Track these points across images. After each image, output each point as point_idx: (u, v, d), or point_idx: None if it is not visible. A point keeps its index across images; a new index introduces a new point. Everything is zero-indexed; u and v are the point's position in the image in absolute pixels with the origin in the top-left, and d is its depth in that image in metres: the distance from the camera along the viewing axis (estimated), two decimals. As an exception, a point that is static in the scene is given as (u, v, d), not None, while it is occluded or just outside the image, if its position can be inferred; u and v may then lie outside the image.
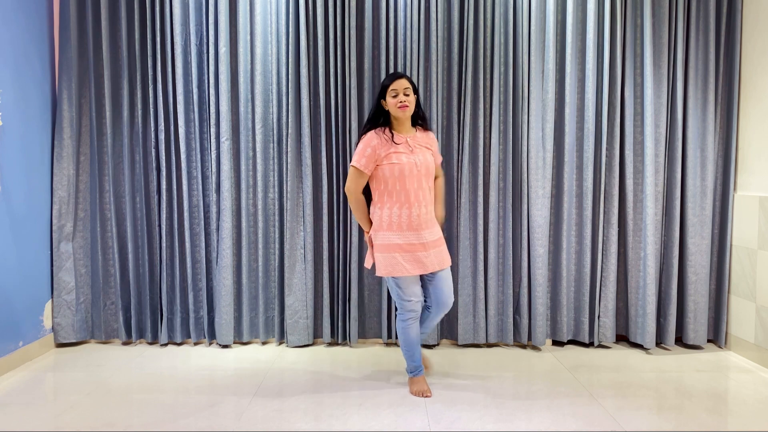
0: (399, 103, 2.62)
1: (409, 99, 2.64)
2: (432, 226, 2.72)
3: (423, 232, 2.66)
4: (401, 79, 2.64)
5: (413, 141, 2.72)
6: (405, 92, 2.64)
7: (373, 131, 2.70)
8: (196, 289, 3.48)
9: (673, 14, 3.37)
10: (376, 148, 2.64)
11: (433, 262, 2.68)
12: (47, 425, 2.43)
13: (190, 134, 3.43)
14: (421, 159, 2.67)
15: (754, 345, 3.26)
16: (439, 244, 2.74)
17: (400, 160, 2.63)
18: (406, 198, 2.64)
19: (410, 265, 2.63)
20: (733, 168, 3.43)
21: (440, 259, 2.72)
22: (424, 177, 2.68)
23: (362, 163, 2.64)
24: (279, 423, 2.45)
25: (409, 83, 2.66)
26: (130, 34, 3.41)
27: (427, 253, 2.66)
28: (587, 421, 2.48)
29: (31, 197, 3.29)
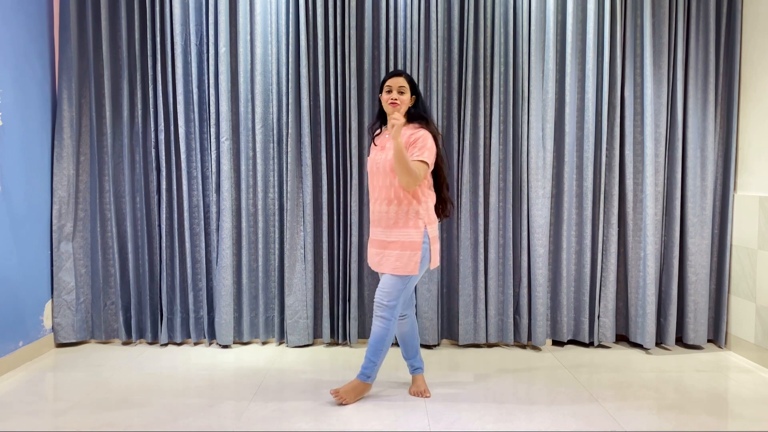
0: (390, 100, 2.61)
1: (402, 98, 2.61)
2: (392, 226, 2.59)
3: (376, 229, 2.66)
4: (398, 77, 2.63)
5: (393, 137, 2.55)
6: (399, 90, 2.61)
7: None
8: (196, 289, 3.48)
9: (673, 14, 3.37)
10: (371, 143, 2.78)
11: (373, 260, 2.69)
12: (47, 425, 2.43)
13: (190, 134, 3.43)
14: (383, 157, 2.61)
15: (754, 345, 3.26)
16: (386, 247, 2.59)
17: (370, 157, 2.73)
18: (371, 194, 2.71)
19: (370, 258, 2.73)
20: (733, 168, 3.43)
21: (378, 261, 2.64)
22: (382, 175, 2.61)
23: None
24: (279, 423, 2.45)
25: (407, 82, 2.63)
26: (130, 34, 3.41)
27: (374, 251, 2.69)
28: (587, 421, 2.48)
29: (31, 197, 3.28)
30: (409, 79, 2.66)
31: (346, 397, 2.64)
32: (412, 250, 2.56)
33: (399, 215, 2.58)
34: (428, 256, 2.61)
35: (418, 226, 2.58)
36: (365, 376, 2.69)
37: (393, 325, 2.62)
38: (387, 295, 2.59)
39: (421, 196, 2.60)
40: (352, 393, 2.66)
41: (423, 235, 2.58)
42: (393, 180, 2.58)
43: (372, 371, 2.68)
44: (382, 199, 2.62)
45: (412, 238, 2.57)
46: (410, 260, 2.55)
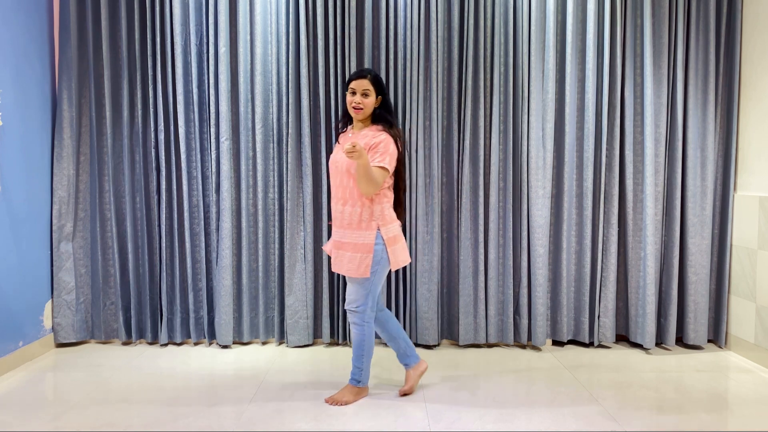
0: (353, 104, 2.57)
1: (365, 101, 2.56)
2: (346, 226, 2.58)
3: (336, 230, 2.65)
4: (362, 79, 2.56)
5: (355, 138, 2.59)
6: (363, 93, 2.55)
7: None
8: (196, 289, 3.48)
9: (673, 14, 3.37)
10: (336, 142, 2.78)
11: (333, 261, 2.66)
12: (47, 425, 2.43)
13: (190, 134, 3.43)
14: (342, 157, 2.56)
15: (754, 345, 3.26)
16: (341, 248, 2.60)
17: (331, 156, 2.71)
18: (331, 193, 2.70)
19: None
20: (733, 168, 3.43)
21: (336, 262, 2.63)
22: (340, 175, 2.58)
23: None
24: (279, 423, 2.45)
25: (371, 84, 2.56)
26: (130, 34, 3.41)
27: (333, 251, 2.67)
28: (587, 421, 2.48)
29: (31, 197, 3.28)
30: (374, 80, 2.58)
31: (342, 398, 2.65)
32: (364, 252, 2.53)
33: (353, 216, 2.56)
34: (385, 257, 2.56)
35: (371, 227, 2.54)
36: (356, 381, 2.70)
37: (368, 328, 2.62)
38: (353, 301, 2.61)
39: (375, 197, 2.56)
40: (348, 394, 2.68)
41: (375, 236, 2.53)
42: (349, 181, 2.56)
43: (360, 376, 2.69)
44: (338, 198, 2.61)
45: (365, 240, 2.54)
46: (362, 263, 2.52)
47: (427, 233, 3.40)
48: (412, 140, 3.38)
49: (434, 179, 3.39)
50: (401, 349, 2.81)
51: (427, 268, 3.40)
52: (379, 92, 2.61)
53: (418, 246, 3.40)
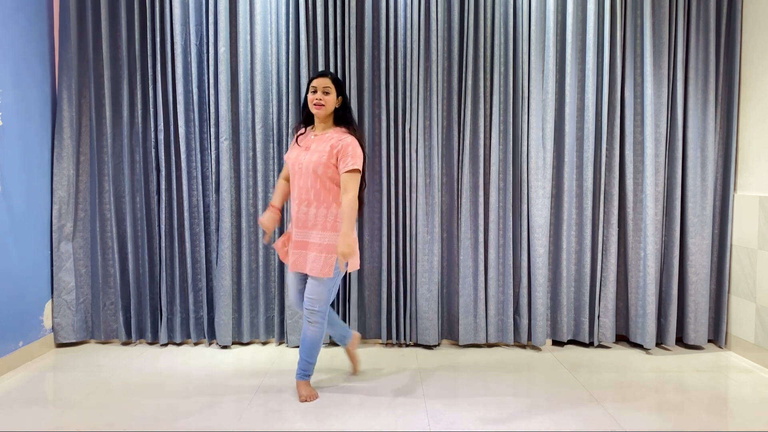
0: (315, 100, 2.62)
1: (326, 98, 2.62)
2: (311, 227, 2.61)
3: (299, 231, 2.66)
4: (323, 78, 2.63)
5: (318, 139, 2.65)
6: (324, 90, 2.62)
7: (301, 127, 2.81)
8: (196, 290, 3.48)
9: (673, 14, 3.37)
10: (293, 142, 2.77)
11: (295, 261, 2.67)
12: (47, 425, 2.43)
13: (190, 134, 3.43)
14: (307, 158, 2.60)
15: (754, 345, 3.26)
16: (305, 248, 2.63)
17: (290, 157, 2.71)
18: (292, 194, 2.72)
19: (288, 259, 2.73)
20: (733, 168, 3.43)
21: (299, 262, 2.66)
22: (304, 176, 2.61)
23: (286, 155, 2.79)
24: (279, 423, 2.45)
25: (332, 83, 2.63)
26: (130, 34, 3.41)
27: (293, 251, 2.68)
28: (587, 421, 2.48)
29: (31, 197, 3.28)
30: (335, 80, 2.65)
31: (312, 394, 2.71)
32: (329, 252, 2.57)
33: (318, 218, 2.61)
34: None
35: (336, 228, 2.59)
36: (308, 376, 2.76)
37: (324, 326, 2.69)
38: (315, 301, 2.62)
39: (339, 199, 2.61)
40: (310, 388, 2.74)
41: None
42: (315, 182, 2.60)
43: (312, 370, 2.76)
44: (302, 200, 2.64)
45: (330, 241, 2.58)
46: (326, 263, 2.57)
47: (427, 233, 3.40)
48: (412, 140, 3.38)
49: (434, 179, 3.39)
50: (339, 333, 2.93)
51: (427, 268, 3.40)
52: (340, 92, 2.68)
53: (418, 246, 3.40)
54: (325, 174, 2.58)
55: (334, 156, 2.57)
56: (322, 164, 2.56)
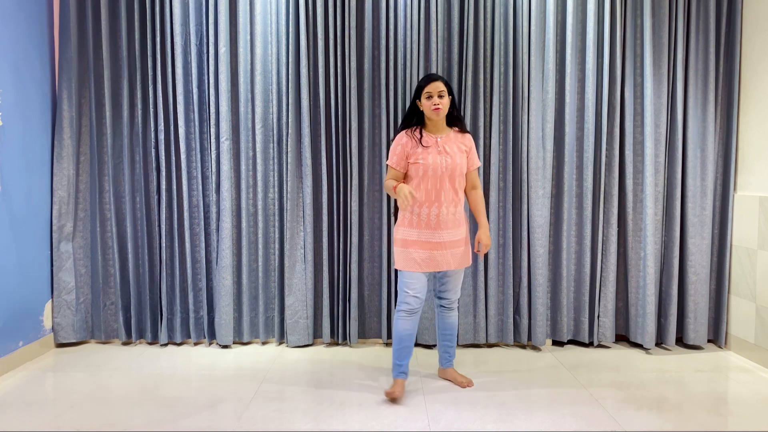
0: (433, 106, 2.67)
1: (442, 101, 2.68)
2: (454, 227, 2.72)
3: (441, 232, 2.70)
4: (436, 82, 2.68)
5: (444, 141, 2.74)
6: (439, 94, 2.68)
7: (404, 131, 2.79)
8: (196, 289, 3.48)
9: (673, 14, 3.37)
10: (405, 146, 2.74)
11: (448, 261, 2.72)
12: (47, 425, 2.43)
13: (190, 134, 3.43)
14: (448, 161, 2.69)
15: (754, 345, 3.26)
16: (458, 246, 2.74)
17: (426, 160, 2.68)
18: (427, 197, 2.69)
19: (424, 262, 2.69)
20: (733, 168, 3.43)
21: (457, 260, 2.75)
22: (448, 178, 2.70)
23: (393, 161, 2.75)
24: (279, 423, 2.45)
25: (444, 85, 2.69)
26: (130, 34, 3.41)
27: (443, 252, 2.70)
28: (587, 421, 2.48)
29: (31, 197, 3.28)
30: (447, 83, 2.72)
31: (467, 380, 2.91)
32: (468, 244, 2.83)
33: (460, 215, 2.78)
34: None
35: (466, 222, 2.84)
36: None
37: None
38: (458, 291, 2.89)
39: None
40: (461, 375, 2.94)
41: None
42: (460, 183, 2.76)
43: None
44: (449, 201, 2.72)
45: (467, 234, 2.83)
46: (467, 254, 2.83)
47: (427, 233, 3.40)
48: (412, 140, 3.38)
49: (434, 179, 3.39)
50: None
51: (427, 268, 3.40)
52: (450, 93, 2.75)
53: (418, 246, 3.40)
54: (464, 174, 2.79)
55: (466, 155, 2.78)
56: (464, 165, 2.76)
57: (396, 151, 2.74)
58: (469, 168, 2.80)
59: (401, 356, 2.75)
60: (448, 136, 2.76)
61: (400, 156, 2.73)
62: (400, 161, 2.73)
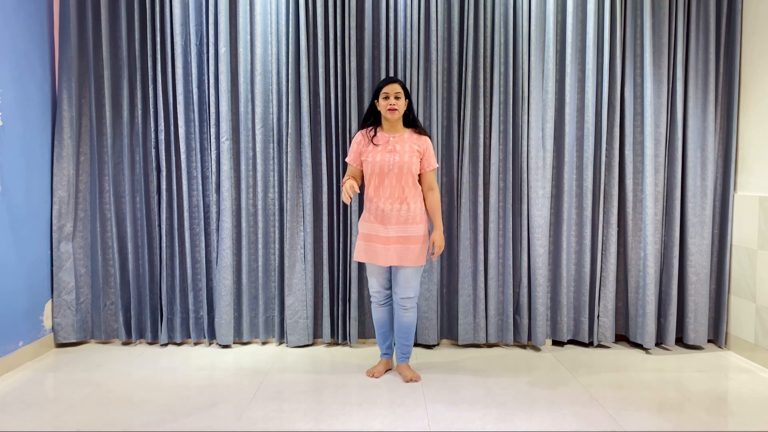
0: (389, 106, 2.81)
1: (398, 103, 2.82)
2: (399, 223, 2.81)
3: (387, 227, 2.81)
4: (394, 84, 2.82)
5: (397, 141, 2.85)
6: (396, 96, 2.82)
7: (362, 130, 2.96)
8: (196, 289, 3.48)
9: (673, 14, 3.37)
10: (359, 144, 2.92)
11: (390, 256, 2.81)
12: (47, 425, 2.43)
13: (190, 134, 3.43)
14: (396, 159, 2.81)
15: (754, 345, 3.26)
16: (405, 242, 2.80)
17: (374, 158, 2.83)
18: (375, 193, 2.84)
19: (367, 254, 2.85)
20: (733, 168, 3.43)
21: (401, 255, 2.81)
22: (395, 176, 2.81)
23: (350, 158, 2.96)
24: (279, 423, 2.45)
25: (401, 88, 2.83)
26: (130, 34, 3.41)
27: (386, 246, 2.80)
28: (587, 421, 2.48)
29: (31, 197, 3.28)
30: (404, 86, 2.86)
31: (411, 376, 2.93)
32: (424, 242, 2.86)
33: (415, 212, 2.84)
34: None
35: (425, 220, 2.89)
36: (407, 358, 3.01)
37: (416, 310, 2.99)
38: (413, 289, 2.89)
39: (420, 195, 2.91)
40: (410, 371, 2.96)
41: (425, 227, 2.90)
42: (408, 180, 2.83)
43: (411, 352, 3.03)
44: (395, 198, 2.82)
45: (424, 232, 2.86)
46: (422, 252, 2.85)
47: (427, 233, 3.40)
48: (412, 140, 3.38)
49: (434, 179, 3.39)
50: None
51: (427, 268, 3.40)
52: (407, 96, 2.88)
53: (418, 246, 3.40)
54: (415, 173, 2.85)
55: (419, 155, 2.85)
56: (414, 164, 2.83)
57: (352, 149, 2.94)
58: (423, 169, 2.88)
59: (381, 340, 3.04)
60: (402, 136, 2.88)
61: (354, 154, 2.92)
62: (355, 159, 2.92)
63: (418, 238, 2.82)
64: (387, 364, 3.04)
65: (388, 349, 3.05)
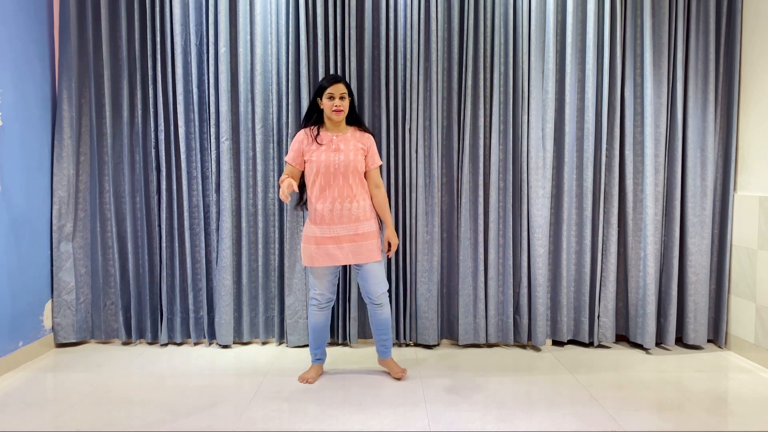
0: (334, 107, 2.79)
1: (343, 103, 2.81)
2: (350, 221, 2.80)
3: (337, 227, 2.79)
4: (339, 84, 2.80)
5: (340, 140, 2.84)
6: (341, 96, 2.80)
7: (303, 129, 2.91)
8: (196, 289, 3.48)
9: (673, 14, 3.37)
10: (301, 143, 2.87)
11: (347, 255, 2.80)
12: (47, 425, 2.43)
13: (190, 134, 3.43)
14: (341, 158, 2.79)
15: (754, 345, 3.26)
16: (359, 239, 2.80)
17: (318, 158, 2.80)
18: (321, 194, 2.80)
19: (321, 257, 2.80)
20: (733, 168, 3.43)
21: (356, 253, 2.80)
22: (341, 175, 2.79)
23: (290, 157, 2.88)
24: (279, 423, 2.45)
25: (346, 88, 2.82)
26: (130, 34, 3.41)
27: (340, 246, 2.80)
28: (587, 421, 2.48)
29: (31, 197, 3.28)
30: (348, 85, 2.85)
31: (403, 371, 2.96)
32: (377, 238, 2.87)
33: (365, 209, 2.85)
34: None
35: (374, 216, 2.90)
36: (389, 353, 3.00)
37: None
38: (384, 284, 2.88)
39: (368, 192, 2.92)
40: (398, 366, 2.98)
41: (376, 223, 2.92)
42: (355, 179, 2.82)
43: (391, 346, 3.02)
44: (344, 197, 2.80)
45: (375, 228, 2.88)
46: (378, 246, 2.86)
47: (427, 233, 3.40)
48: (412, 140, 3.38)
49: (434, 179, 3.39)
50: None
51: (427, 268, 3.40)
52: (350, 95, 2.88)
53: (418, 246, 3.40)
54: (361, 171, 2.84)
55: (364, 153, 2.85)
56: (359, 162, 2.82)
57: (293, 147, 2.88)
58: (368, 167, 2.88)
59: (316, 345, 2.98)
60: (345, 135, 2.86)
61: (296, 153, 2.86)
62: (296, 158, 2.86)
63: (370, 233, 2.82)
64: (319, 370, 2.99)
65: (323, 354, 3.01)
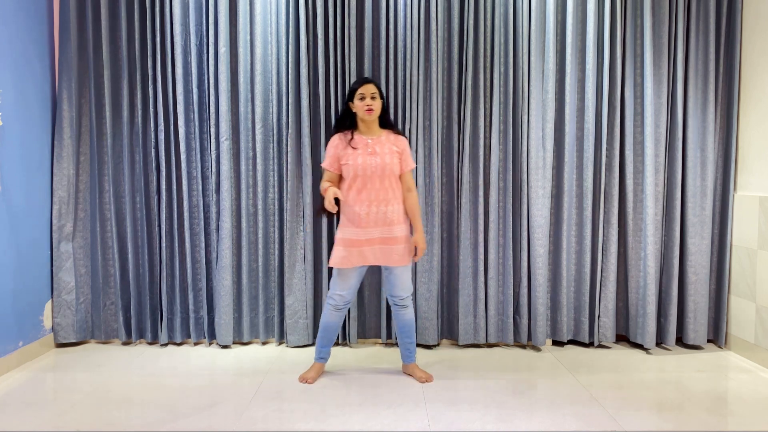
0: (366, 107, 2.79)
1: (375, 103, 2.80)
2: (385, 224, 2.80)
3: (372, 230, 2.80)
4: (369, 84, 2.82)
5: (375, 143, 2.84)
6: (372, 96, 2.80)
7: (338, 134, 2.91)
8: (196, 290, 3.48)
9: (673, 14, 3.37)
10: (336, 148, 2.87)
11: (377, 256, 2.82)
12: (47, 425, 2.43)
13: (190, 134, 3.43)
14: (377, 161, 2.79)
15: (754, 345, 3.26)
16: (391, 243, 2.81)
17: (355, 161, 2.80)
18: (358, 197, 2.80)
19: (353, 258, 2.80)
20: (733, 168, 3.43)
21: (387, 256, 2.82)
22: (378, 178, 2.80)
23: (327, 163, 2.89)
24: (279, 423, 2.45)
25: (376, 89, 2.83)
26: (130, 34, 3.41)
27: (372, 248, 2.81)
28: (587, 421, 2.48)
29: (31, 197, 3.28)
30: (378, 86, 2.86)
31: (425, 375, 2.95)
32: (408, 242, 2.87)
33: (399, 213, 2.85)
34: None
35: (407, 221, 2.92)
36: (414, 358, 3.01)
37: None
38: (408, 288, 2.91)
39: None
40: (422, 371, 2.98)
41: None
42: (391, 182, 2.83)
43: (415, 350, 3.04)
44: (380, 200, 2.81)
45: (407, 232, 2.88)
46: (408, 251, 2.87)
47: (427, 233, 3.40)
48: (412, 140, 3.38)
49: (434, 179, 3.39)
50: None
51: (427, 268, 3.40)
52: (381, 96, 2.88)
53: (418, 246, 3.40)
54: (396, 173, 2.85)
55: (399, 155, 2.85)
56: (395, 165, 2.83)
57: (329, 153, 2.88)
58: (402, 170, 2.88)
59: (323, 343, 2.96)
60: (380, 138, 2.86)
61: (332, 158, 2.86)
62: (333, 163, 2.86)
63: (402, 238, 2.83)
64: (321, 369, 2.98)
65: (327, 354, 2.99)
